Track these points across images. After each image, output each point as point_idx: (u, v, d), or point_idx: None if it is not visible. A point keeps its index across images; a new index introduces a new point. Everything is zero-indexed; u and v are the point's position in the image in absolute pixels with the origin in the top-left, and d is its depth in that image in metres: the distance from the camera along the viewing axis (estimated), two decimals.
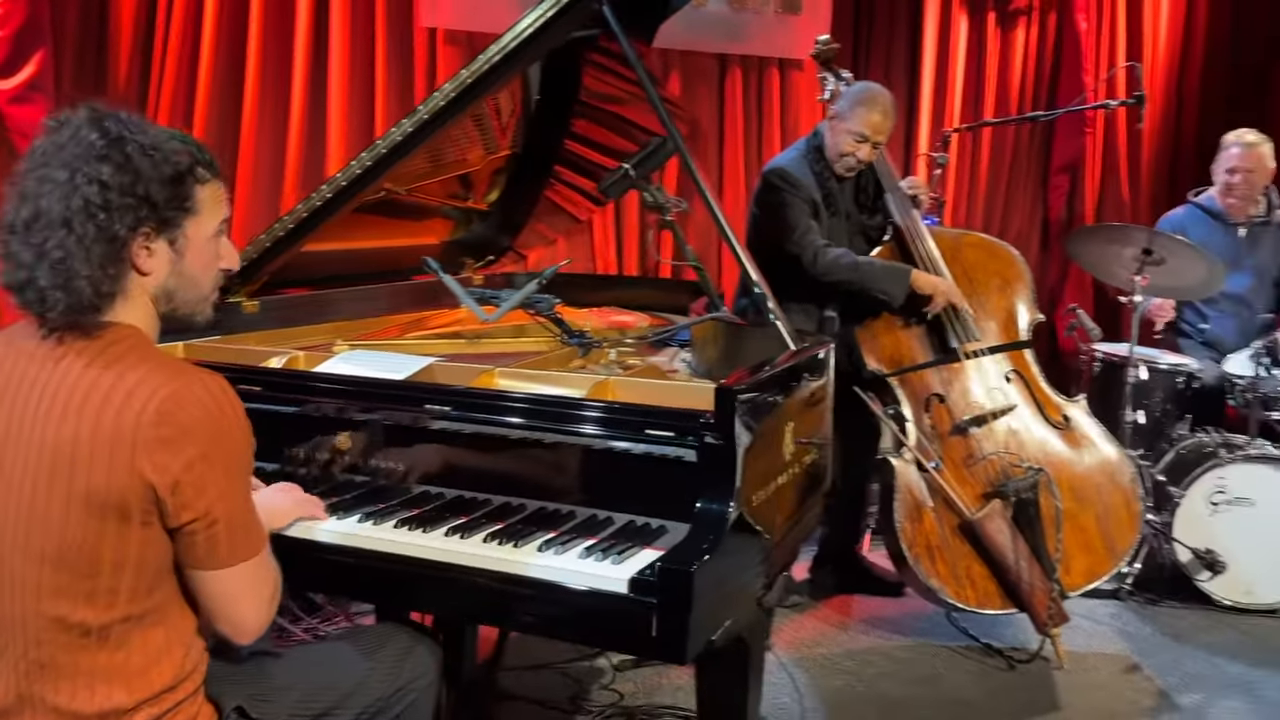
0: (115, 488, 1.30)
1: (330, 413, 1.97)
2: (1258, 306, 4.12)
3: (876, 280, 3.09)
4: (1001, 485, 2.94)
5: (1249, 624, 3.34)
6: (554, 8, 2.23)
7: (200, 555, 1.37)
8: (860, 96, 3.21)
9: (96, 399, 1.31)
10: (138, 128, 1.38)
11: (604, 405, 1.87)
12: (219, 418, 1.35)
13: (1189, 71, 5.20)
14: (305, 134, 3.58)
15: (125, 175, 1.33)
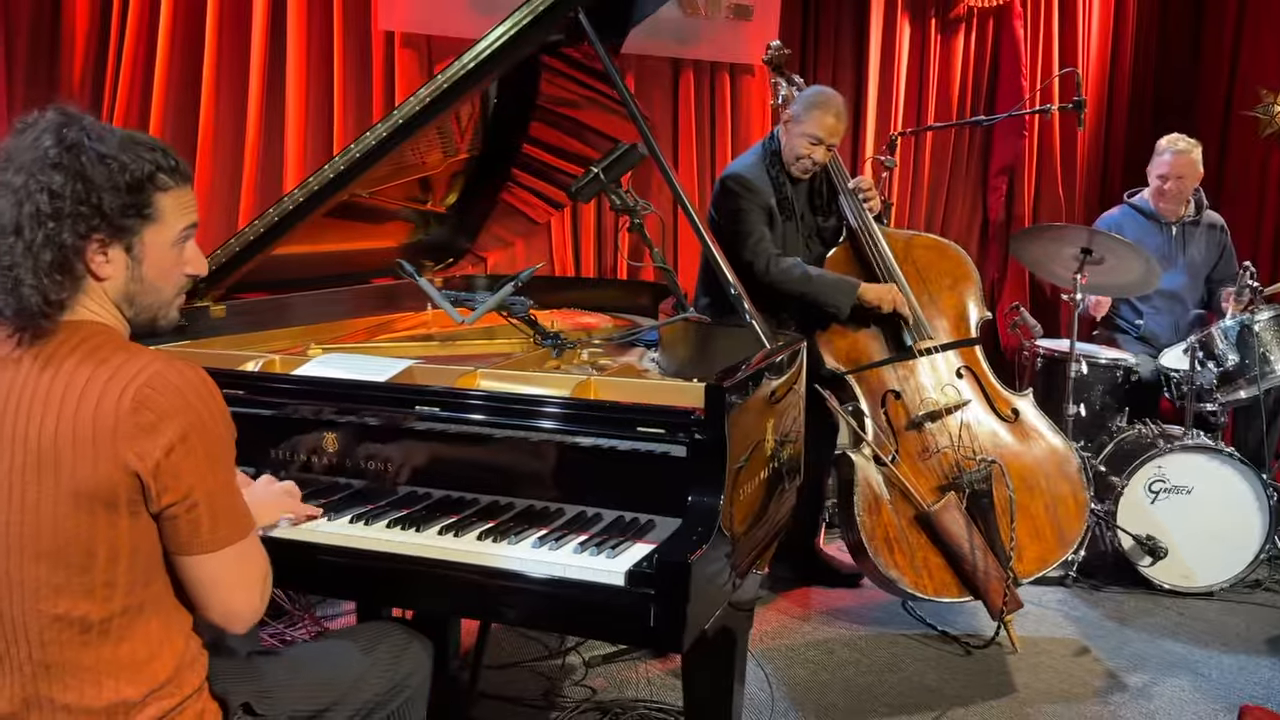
0: (101, 479, 1.32)
1: (317, 416, 1.99)
2: (1190, 303, 4.31)
3: (825, 293, 3.18)
4: (956, 478, 3.05)
5: (1188, 606, 3.50)
6: (530, 15, 2.26)
7: (184, 540, 1.38)
8: (814, 100, 3.30)
9: (75, 394, 1.33)
10: (97, 135, 1.38)
11: (594, 404, 1.92)
12: (196, 402, 1.36)
13: (1119, 76, 5.41)
14: (262, 136, 3.56)
15: (77, 183, 1.34)
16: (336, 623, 3.11)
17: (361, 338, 2.80)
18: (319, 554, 1.83)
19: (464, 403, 1.94)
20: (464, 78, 2.34)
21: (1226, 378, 3.68)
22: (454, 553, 1.77)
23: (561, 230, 4.15)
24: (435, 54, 3.80)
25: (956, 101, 5.01)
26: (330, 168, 2.44)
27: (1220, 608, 3.50)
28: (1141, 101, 5.51)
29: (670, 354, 2.62)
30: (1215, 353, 3.68)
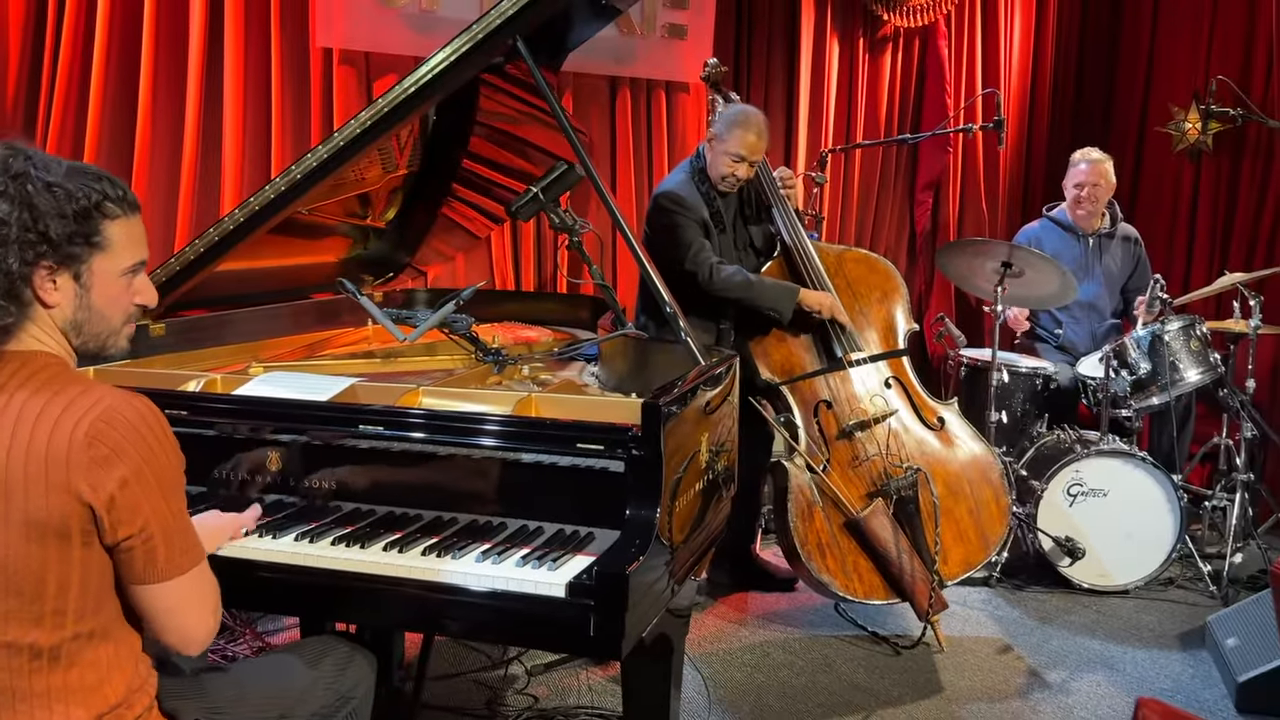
0: (53, 510, 1.34)
1: (260, 435, 2.02)
2: (1106, 312, 4.50)
3: (766, 298, 3.28)
4: (884, 485, 3.17)
5: (1105, 604, 3.66)
6: (471, 41, 2.32)
7: (139, 570, 1.41)
8: (735, 119, 3.40)
9: (27, 425, 1.35)
10: (43, 164, 1.41)
11: (536, 422, 1.98)
12: (149, 435, 1.39)
13: (1039, 94, 5.62)
14: (199, 152, 3.55)
15: (23, 211, 1.37)
16: (278, 638, 3.12)
17: (302, 354, 2.82)
18: (265, 571, 1.86)
19: (407, 421, 1.98)
20: (404, 102, 2.39)
21: (1140, 385, 3.85)
22: (399, 569, 1.82)
23: (501, 245, 4.20)
24: (373, 71, 3.83)
25: (884, 118, 5.17)
26: (271, 188, 2.48)
27: (1135, 605, 3.66)
28: (1060, 119, 5.73)
29: (610, 368, 2.70)
30: (1129, 361, 3.85)
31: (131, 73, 3.44)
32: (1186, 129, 5.38)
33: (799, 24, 4.78)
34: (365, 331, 3.23)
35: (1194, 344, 3.84)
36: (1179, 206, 5.48)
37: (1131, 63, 5.71)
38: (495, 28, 2.31)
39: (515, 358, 2.66)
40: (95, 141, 3.39)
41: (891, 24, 5.03)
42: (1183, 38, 5.44)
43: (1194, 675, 3.15)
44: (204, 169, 3.57)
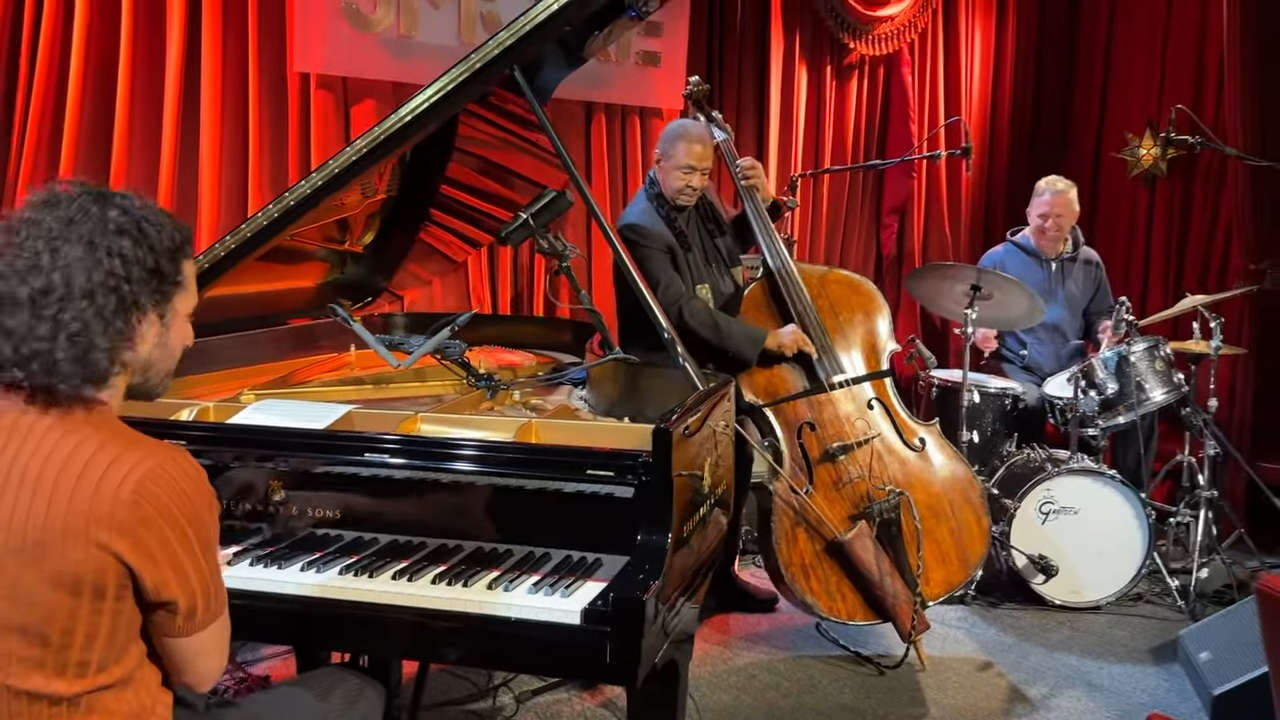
0: (90, 565, 1.31)
1: (263, 465, 2.00)
2: (1069, 334, 4.60)
3: (733, 343, 3.29)
4: (867, 507, 3.21)
5: (1078, 620, 3.73)
6: (468, 71, 2.33)
7: (175, 626, 1.40)
8: (677, 133, 3.45)
9: (71, 476, 1.32)
10: (140, 202, 1.41)
11: (546, 449, 1.99)
12: (192, 495, 1.37)
13: (999, 121, 5.76)
14: (176, 178, 3.52)
15: (141, 249, 1.37)
16: (258, 668, 3.08)
17: (291, 381, 2.80)
18: (270, 603, 1.84)
19: (417, 450, 1.98)
20: (400, 130, 2.40)
21: (1107, 405, 3.95)
22: (409, 597, 1.81)
23: (478, 268, 4.20)
24: (350, 96, 3.82)
25: (851, 143, 5.26)
26: (264, 214, 2.48)
27: (1107, 620, 3.74)
28: (1019, 145, 5.87)
29: (599, 392, 2.71)
30: (1096, 382, 3.94)
31: (108, 96, 3.41)
32: (1141, 155, 5.54)
33: (769, 52, 4.86)
34: (348, 357, 3.21)
35: (1159, 365, 3.94)
36: (1134, 230, 5.64)
37: (1086, 91, 5.88)
38: (493, 57, 2.32)
39: (507, 383, 2.66)
40: (70, 165, 3.34)
41: (858, 52, 5.13)
42: (1136, 67, 5.62)
43: (1169, 689, 3.22)
44: (181, 192, 3.54)
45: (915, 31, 5.27)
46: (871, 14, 5.02)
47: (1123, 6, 5.69)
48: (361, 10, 3.76)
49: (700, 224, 3.60)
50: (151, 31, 3.48)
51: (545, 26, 2.31)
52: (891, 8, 5.10)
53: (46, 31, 3.28)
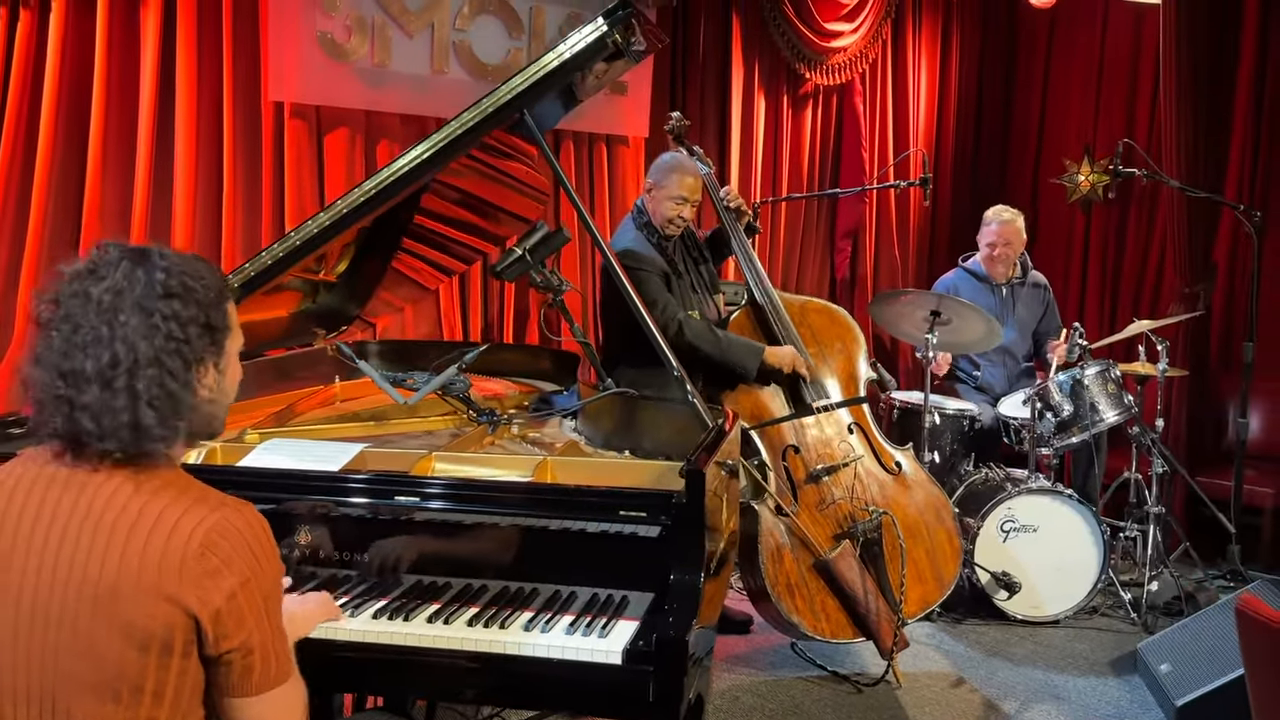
0: (160, 620, 1.32)
1: (289, 509, 2.00)
2: (1020, 356, 4.78)
3: (734, 355, 3.39)
4: (850, 527, 3.30)
5: (1040, 634, 3.87)
6: (481, 115, 2.37)
7: (235, 682, 1.39)
8: (671, 165, 3.55)
9: (142, 532, 1.33)
10: (178, 258, 1.42)
11: (578, 490, 2.02)
12: (257, 548, 1.39)
13: (944, 149, 5.96)
14: (150, 206, 3.46)
15: (193, 307, 1.38)
16: None
17: (288, 418, 2.78)
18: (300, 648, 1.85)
19: (454, 493, 2.00)
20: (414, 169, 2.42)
21: (1062, 426, 4.11)
22: (447, 640, 1.84)
23: (450, 295, 4.20)
24: (324, 124, 3.81)
25: (806, 169, 5.40)
26: (268, 254, 2.49)
27: (1066, 634, 3.89)
28: (961, 172, 6.08)
29: (594, 425, 2.75)
30: (1052, 404, 4.11)
31: (81, 122, 3.34)
32: (1080, 181, 5.78)
33: (730, 81, 4.97)
34: (334, 388, 3.19)
35: (1110, 387, 4.12)
36: (1072, 253, 5.89)
37: (1025, 119, 6.13)
38: (506, 101, 2.36)
39: (507, 418, 2.69)
40: (43, 189, 3.27)
41: (812, 81, 5.27)
42: (1073, 96, 5.87)
43: (1132, 700, 3.38)
44: (154, 219, 3.48)
45: (866, 62, 5.43)
46: (825, 45, 5.17)
47: (1060, 38, 5.94)
48: (336, 40, 3.75)
49: (685, 252, 3.68)
50: (126, 59, 3.42)
51: (557, 73, 2.36)
52: (844, 39, 5.25)
53: (19, 57, 3.21)
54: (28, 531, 1.35)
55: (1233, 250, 5.12)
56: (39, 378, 1.37)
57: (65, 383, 1.35)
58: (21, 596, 1.34)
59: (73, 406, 1.34)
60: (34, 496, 1.37)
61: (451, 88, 4.05)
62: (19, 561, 1.35)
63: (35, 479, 1.39)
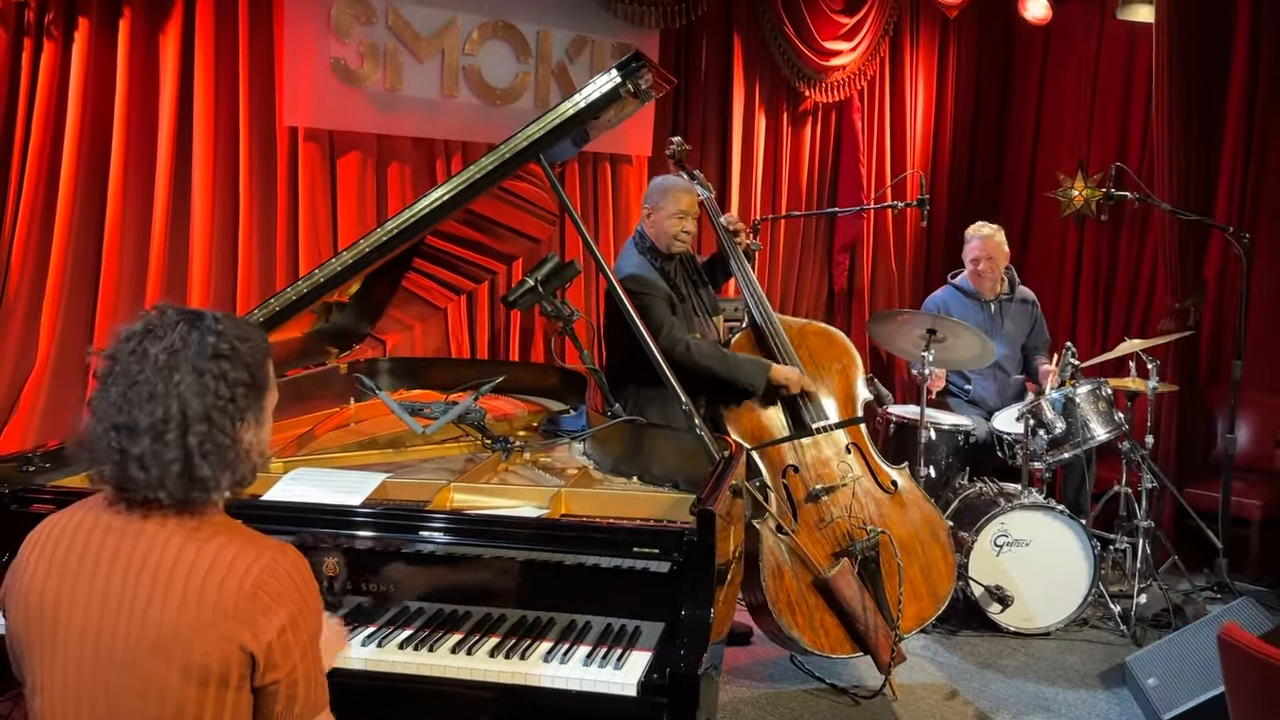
0: (218, 657, 1.41)
1: (316, 542, 2.09)
2: (1011, 370, 4.89)
3: (742, 372, 3.49)
4: (849, 546, 3.41)
5: (1031, 646, 3.99)
6: (499, 160, 2.47)
7: (279, 711, 1.49)
8: (665, 185, 3.66)
9: (199, 574, 1.42)
10: (228, 321, 1.52)
11: (592, 526, 2.12)
12: (302, 586, 1.49)
13: (939, 163, 6.06)
14: (169, 228, 3.57)
15: (240, 368, 1.48)
16: None
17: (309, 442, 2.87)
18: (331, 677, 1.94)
19: (476, 529, 2.09)
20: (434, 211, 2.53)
21: (1055, 443, 4.22)
22: (470, 671, 1.94)
23: (457, 312, 4.30)
24: (337, 149, 3.91)
25: (805, 184, 5.50)
26: (293, 290, 2.58)
27: (1057, 646, 4.01)
28: (957, 186, 6.19)
29: (604, 450, 2.85)
30: (1044, 421, 4.21)
31: (103, 148, 3.45)
32: (1074, 196, 5.89)
33: (731, 99, 5.06)
34: (349, 410, 3.29)
35: (1101, 405, 4.23)
36: (1065, 267, 5.99)
37: (1020, 134, 6.24)
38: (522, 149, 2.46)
39: (522, 445, 2.79)
40: (66, 218, 3.38)
41: (812, 99, 5.37)
42: (1067, 111, 5.98)
43: (1120, 713, 3.49)
44: (172, 242, 3.59)
45: (864, 79, 5.53)
46: (824, 63, 5.26)
47: (1055, 54, 6.05)
48: (350, 66, 3.84)
49: (685, 275, 3.77)
50: (146, 86, 3.52)
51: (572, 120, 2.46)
52: (843, 58, 5.34)
53: (43, 86, 3.31)
54: (88, 577, 1.45)
55: (1222, 268, 5.23)
56: (94, 428, 1.47)
57: (118, 434, 1.44)
58: (84, 639, 1.44)
59: (125, 456, 1.44)
60: (93, 542, 1.47)
61: (461, 111, 4.14)
62: (81, 605, 1.44)
63: (94, 526, 1.48)
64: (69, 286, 3.43)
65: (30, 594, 1.48)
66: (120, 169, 3.45)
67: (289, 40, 3.69)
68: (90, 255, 3.46)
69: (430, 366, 3.82)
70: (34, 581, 1.48)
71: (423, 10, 3.99)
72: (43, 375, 3.40)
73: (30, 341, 3.42)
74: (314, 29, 3.74)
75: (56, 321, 3.41)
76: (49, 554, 1.49)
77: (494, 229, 3.37)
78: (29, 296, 3.39)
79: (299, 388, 3.26)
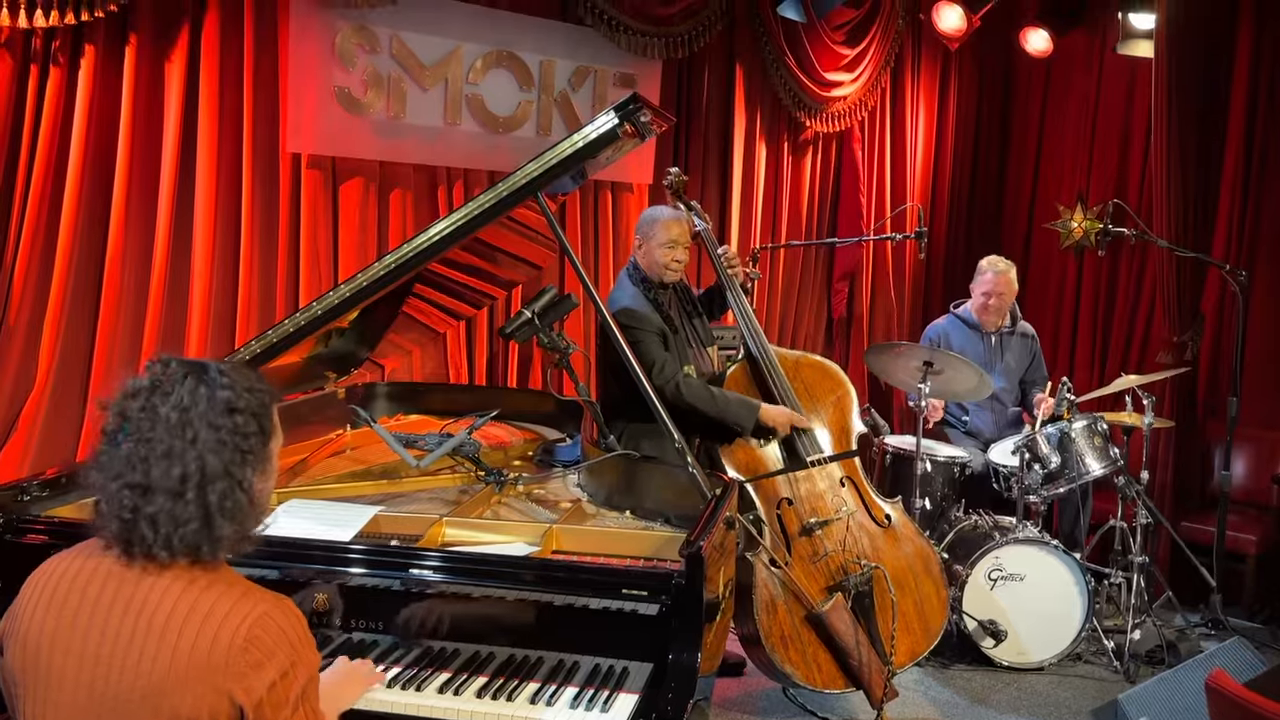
0: (206, 710, 1.42)
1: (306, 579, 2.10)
2: (1008, 402, 4.90)
3: (731, 413, 3.48)
4: (842, 580, 3.41)
5: (1024, 681, 3.98)
6: (497, 198, 2.50)
7: None
8: (655, 216, 3.67)
9: (192, 626, 1.43)
10: (233, 373, 1.53)
11: (581, 568, 2.13)
12: (296, 639, 1.50)
13: (939, 192, 6.09)
14: (170, 253, 3.60)
15: (251, 422, 1.50)
16: None
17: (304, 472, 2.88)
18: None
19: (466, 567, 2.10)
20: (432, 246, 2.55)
21: (1050, 477, 4.23)
22: (458, 713, 1.94)
23: (456, 338, 4.32)
24: (340, 175, 3.94)
25: (806, 213, 5.52)
26: (291, 322, 2.60)
27: (1050, 681, 4.00)
28: (957, 216, 6.21)
29: (598, 482, 2.86)
30: (1040, 456, 4.22)
31: (106, 174, 3.48)
32: (1073, 227, 5.91)
33: (732, 128, 5.10)
34: (344, 438, 3.30)
35: (1097, 440, 4.24)
36: (1064, 299, 6.01)
37: (1020, 165, 6.27)
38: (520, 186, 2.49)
39: (516, 478, 2.80)
40: (68, 242, 3.41)
41: (812, 129, 5.40)
42: (1066, 143, 6.01)
43: None
44: (174, 267, 3.62)
45: (865, 110, 5.56)
46: (825, 94, 5.29)
47: (1056, 86, 6.08)
48: (354, 94, 3.87)
49: (679, 305, 3.79)
50: (150, 112, 3.55)
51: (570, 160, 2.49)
52: (844, 89, 5.38)
53: (48, 111, 3.34)
54: (84, 623, 1.46)
55: (1220, 303, 5.24)
56: (100, 483, 1.48)
57: (132, 493, 1.45)
58: (78, 685, 1.45)
59: (137, 514, 1.44)
60: (91, 588, 1.48)
61: (464, 139, 4.17)
62: (75, 651, 1.45)
63: (94, 571, 1.49)
64: (69, 310, 3.45)
65: (28, 636, 1.49)
66: (123, 194, 3.48)
67: (293, 67, 3.73)
68: (91, 279, 3.48)
69: (428, 392, 3.83)
70: (31, 624, 1.49)
71: (427, 39, 4.03)
72: (41, 398, 3.42)
73: (29, 364, 3.43)
74: (318, 57, 3.78)
75: (56, 345, 3.43)
76: (48, 597, 1.50)
77: (496, 255, 3.39)
78: (29, 319, 3.41)
79: (296, 412, 3.27)
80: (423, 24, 4.01)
